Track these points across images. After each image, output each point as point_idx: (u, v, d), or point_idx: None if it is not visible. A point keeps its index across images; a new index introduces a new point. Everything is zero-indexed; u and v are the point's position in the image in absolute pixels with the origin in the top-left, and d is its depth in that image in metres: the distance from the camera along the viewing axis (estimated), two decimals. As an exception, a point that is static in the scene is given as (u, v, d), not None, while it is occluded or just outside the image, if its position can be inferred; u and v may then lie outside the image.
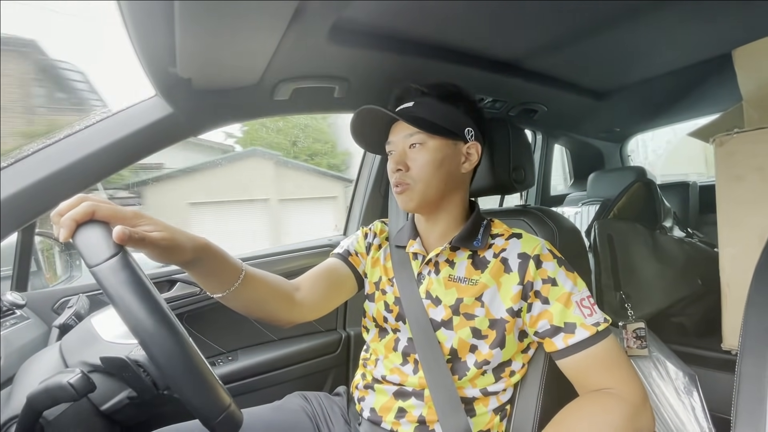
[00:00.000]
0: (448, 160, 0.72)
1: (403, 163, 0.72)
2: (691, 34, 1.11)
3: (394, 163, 0.73)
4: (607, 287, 1.25)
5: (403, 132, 0.73)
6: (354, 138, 0.80)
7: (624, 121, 2.00)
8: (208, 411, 0.43)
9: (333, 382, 1.28)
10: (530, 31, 0.98)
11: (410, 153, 0.72)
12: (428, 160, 0.71)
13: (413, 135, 0.71)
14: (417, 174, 0.71)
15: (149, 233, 0.50)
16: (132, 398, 0.54)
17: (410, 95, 0.75)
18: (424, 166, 0.71)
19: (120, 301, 0.41)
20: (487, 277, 0.70)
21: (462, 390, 0.70)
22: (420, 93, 0.74)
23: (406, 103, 0.75)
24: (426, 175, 0.71)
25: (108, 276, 0.41)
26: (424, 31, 0.90)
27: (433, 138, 0.71)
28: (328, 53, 0.84)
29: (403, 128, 0.73)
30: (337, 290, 0.81)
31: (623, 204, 1.39)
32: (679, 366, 1.06)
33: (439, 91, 0.74)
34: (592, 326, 0.64)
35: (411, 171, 0.72)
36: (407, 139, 0.72)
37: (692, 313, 1.27)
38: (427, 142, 0.71)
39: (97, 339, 0.57)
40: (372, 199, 1.41)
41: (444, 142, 0.72)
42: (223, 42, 0.68)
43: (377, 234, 0.87)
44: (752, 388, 0.55)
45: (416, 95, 0.74)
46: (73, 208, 0.45)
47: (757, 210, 0.96)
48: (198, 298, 1.08)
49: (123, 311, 0.41)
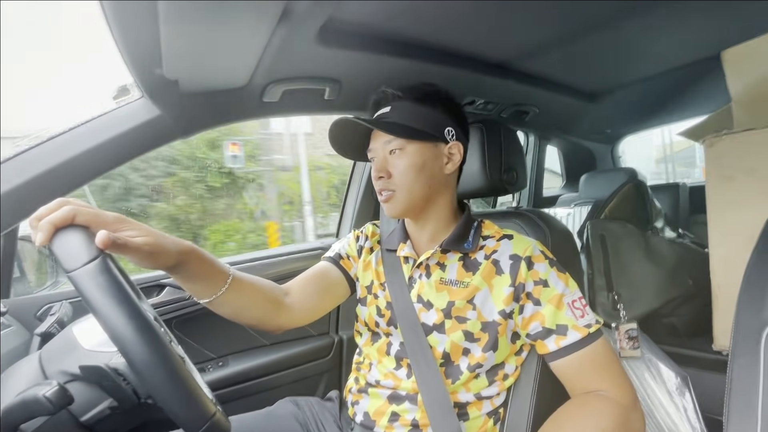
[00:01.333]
0: (430, 162, 0.71)
1: (385, 170, 0.71)
2: (682, 36, 1.12)
3: (376, 171, 0.72)
4: (599, 288, 1.26)
5: (381, 139, 0.72)
6: (333, 147, 0.78)
7: (615, 123, 2.01)
8: (191, 420, 0.42)
9: (326, 386, 1.27)
10: (522, 33, 0.98)
11: (391, 159, 0.71)
12: (409, 165, 0.70)
13: (391, 141, 0.70)
14: (399, 180, 0.70)
15: (132, 238, 0.49)
16: (113, 408, 0.52)
17: (387, 100, 0.74)
18: (406, 172, 0.70)
19: (98, 307, 0.39)
20: (479, 279, 0.70)
21: (455, 395, 0.69)
22: (396, 97, 0.73)
23: (383, 108, 0.73)
24: (408, 180, 0.70)
25: (85, 281, 0.40)
26: (414, 32, 0.90)
27: (411, 143, 0.70)
28: (318, 55, 0.83)
29: (382, 135, 0.72)
30: (328, 294, 0.80)
31: (615, 205, 1.40)
32: (671, 367, 1.07)
33: (416, 94, 0.73)
34: (584, 328, 0.64)
35: (393, 177, 0.71)
36: (386, 146, 0.71)
37: (683, 314, 1.28)
38: (406, 147, 0.70)
39: (77, 347, 0.55)
40: (364, 202, 1.40)
41: (423, 145, 0.71)
42: (209, 43, 0.67)
43: (369, 237, 0.86)
44: (744, 389, 0.55)
45: (392, 99, 0.73)
46: (53, 212, 0.44)
47: (746, 210, 0.97)
48: (187, 303, 1.07)
49: (101, 317, 0.39)
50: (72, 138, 0.83)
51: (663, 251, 1.29)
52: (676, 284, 1.24)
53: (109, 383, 0.51)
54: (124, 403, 0.52)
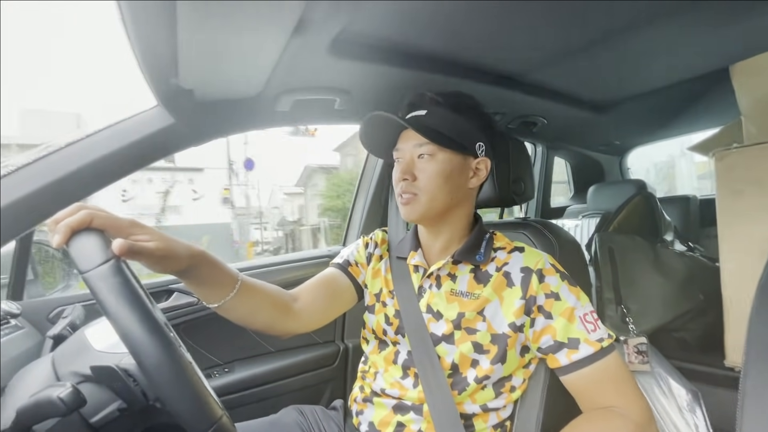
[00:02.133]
0: (457, 173, 0.71)
1: (410, 172, 0.71)
2: (691, 49, 1.12)
3: (401, 172, 0.72)
4: (608, 301, 1.24)
5: (412, 141, 0.72)
6: (362, 142, 0.79)
7: (624, 135, 2.00)
8: (197, 423, 0.42)
9: (330, 394, 1.26)
10: (531, 45, 0.99)
11: (418, 163, 0.71)
12: (436, 172, 0.70)
13: (423, 145, 0.70)
14: (424, 185, 0.70)
15: (145, 243, 0.51)
16: (122, 410, 0.53)
17: (423, 103, 0.74)
18: (432, 178, 0.70)
19: (110, 308, 0.40)
20: (489, 291, 0.69)
21: (461, 405, 0.69)
22: (434, 102, 0.73)
23: (418, 110, 0.73)
24: (433, 187, 0.70)
25: (99, 282, 0.41)
26: (425, 44, 0.91)
27: (443, 150, 0.70)
28: (330, 65, 0.85)
29: (413, 137, 0.71)
30: (336, 301, 0.81)
31: (624, 217, 1.39)
32: (681, 383, 1.05)
33: (454, 102, 0.73)
34: (597, 342, 0.63)
35: (418, 181, 0.71)
36: (416, 149, 0.71)
37: (694, 328, 1.26)
38: (437, 154, 0.70)
39: (88, 349, 0.56)
40: (372, 209, 1.40)
41: (454, 155, 0.71)
42: (225, 53, 0.69)
43: (378, 244, 0.86)
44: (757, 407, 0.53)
45: (430, 104, 0.73)
46: (70, 215, 0.46)
47: (757, 224, 0.96)
48: (195, 308, 1.07)
49: (113, 317, 0.40)
50: (88, 145, 0.85)
51: (673, 264, 1.27)
52: (687, 298, 1.22)
53: (118, 384, 0.52)
54: (132, 405, 0.53)
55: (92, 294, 0.41)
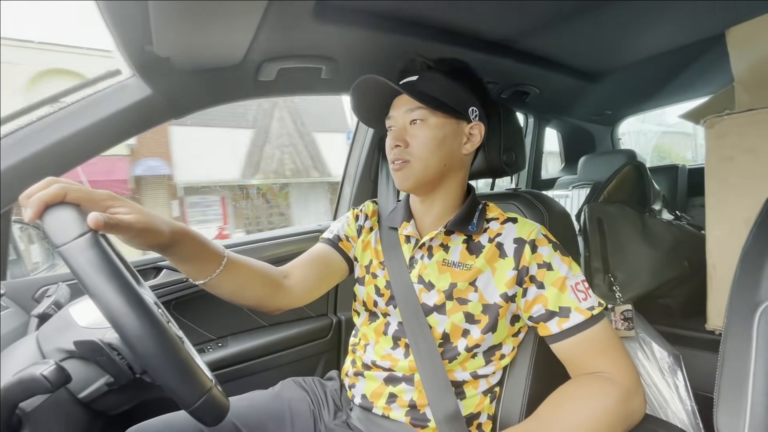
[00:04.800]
0: (450, 139, 0.70)
1: (403, 139, 0.70)
2: (684, 14, 1.09)
3: (393, 139, 0.71)
4: (595, 270, 1.26)
5: (404, 106, 0.70)
6: (354, 111, 0.77)
7: (615, 104, 1.99)
8: (186, 394, 0.42)
9: (324, 367, 1.29)
10: (523, 11, 0.95)
11: (411, 129, 0.70)
12: (429, 137, 0.69)
13: (415, 110, 0.69)
14: (417, 151, 0.69)
15: (123, 215, 0.49)
16: (110, 384, 0.52)
17: (415, 68, 0.72)
18: (425, 143, 0.69)
19: (87, 281, 0.39)
20: (482, 261, 0.69)
21: (452, 373, 0.70)
22: (426, 66, 0.71)
23: (410, 76, 0.71)
24: (426, 152, 0.69)
25: (75, 255, 0.40)
26: (414, 9, 0.87)
27: (435, 114, 0.69)
28: (315, 31, 0.81)
29: (405, 102, 0.70)
30: (327, 276, 0.80)
31: (614, 187, 1.39)
32: (664, 346, 1.08)
33: (446, 67, 0.71)
34: (587, 310, 0.64)
35: (410, 147, 0.69)
36: (408, 114, 0.70)
37: (678, 295, 1.29)
38: (429, 119, 0.69)
39: (72, 326, 0.55)
40: (362, 182, 1.39)
41: (447, 119, 0.70)
42: (200, 18, 0.65)
43: (368, 216, 0.85)
44: (735, 367, 0.56)
45: (422, 68, 0.72)
46: (43, 189, 0.44)
47: (745, 192, 0.97)
48: (185, 285, 1.07)
49: (91, 291, 0.39)
50: (62, 118, 0.82)
51: (660, 233, 1.29)
52: (672, 266, 1.25)
53: (103, 358, 0.51)
54: (119, 379, 0.52)
55: (68, 267, 0.40)
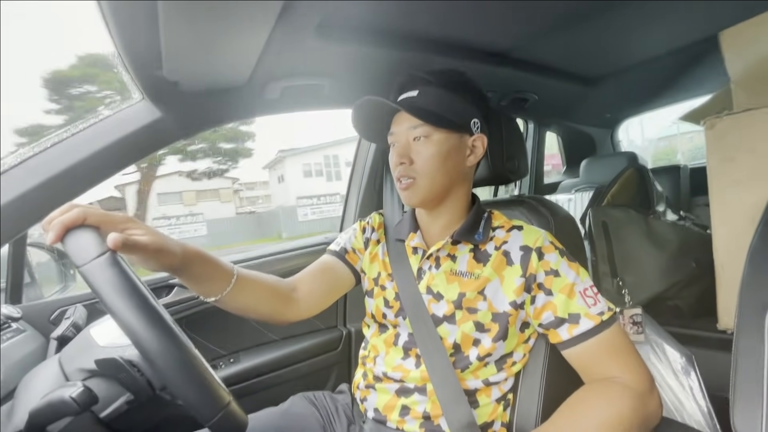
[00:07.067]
0: (454, 153, 0.70)
1: (407, 156, 0.70)
2: (679, 17, 1.11)
3: (397, 156, 0.71)
4: (603, 274, 1.26)
5: (406, 123, 0.70)
6: (355, 128, 0.77)
7: (614, 107, 2.00)
8: (205, 409, 0.43)
9: (336, 379, 1.29)
10: (519, 21, 0.97)
11: (414, 145, 0.70)
12: (433, 154, 0.69)
13: (417, 127, 0.69)
14: (422, 168, 0.69)
15: (139, 237, 0.51)
16: (130, 402, 0.53)
17: (415, 83, 0.72)
18: (430, 160, 0.69)
19: (108, 299, 0.41)
20: (489, 270, 0.70)
21: (464, 382, 0.70)
22: (425, 82, 0.71)
23: (409, 91, 0.72)
24: (431, 169, 0.69)
25: (96, 274, 0.41)
26: (413, 24, 0.89)
27: (438, 130, 0.69)
28: (317, 50, 0.83)
29: (407, 119, 0.70)
30: (333, 288, 0.81)
31: (617, 190, 1.40)
32: (676, 347, 1.08)
33: (445, 80, 0.71)
34: (597, 316, 0.64)
35: (415, 164, 0.70)
36: (411, 131, 0.70)
37: (687, 296, 1.29)
38: (432, 135, 0.69)
39: (93, 346, 0.57)
40: (367, 194, 1.40)
41: (449, 134, 0.70)
42: (209, 43, 0.67)
43: (375, 228, 0.86)
44: (749, 366, 0.55)
45: (420, 84, 0.71)
46: (64, 214, 0.46)
47: (748, 191, 0.97)
48: (196, 302, 1.08)
49: (111, 308, 0.41)
50: (75, 143, 0.84)
51: (666, 235, 1.29)
52: (680, 267, 1.25)
53: (124, 375, 0.52)
54: (140, 396, 0.53)
55: (90, 286, 0.42)
